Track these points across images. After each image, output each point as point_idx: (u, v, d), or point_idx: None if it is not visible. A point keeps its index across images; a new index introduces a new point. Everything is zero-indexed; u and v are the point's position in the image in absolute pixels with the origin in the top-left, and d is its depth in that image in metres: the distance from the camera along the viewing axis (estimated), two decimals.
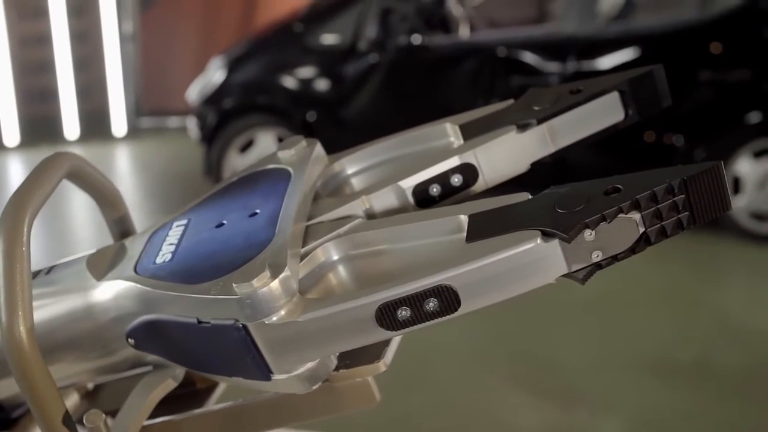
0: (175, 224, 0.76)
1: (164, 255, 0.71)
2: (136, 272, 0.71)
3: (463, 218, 0.62)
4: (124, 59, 7.56)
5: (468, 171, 0.73)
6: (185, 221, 0.76)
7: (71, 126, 7.45)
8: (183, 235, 0.73)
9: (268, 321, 0.60)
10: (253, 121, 5.11)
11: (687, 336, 3.32)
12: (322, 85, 4.98)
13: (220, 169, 5.06)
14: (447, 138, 0.78)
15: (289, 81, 5.08)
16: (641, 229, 0.55)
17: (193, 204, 0.79)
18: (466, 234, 0.61)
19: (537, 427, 2.71)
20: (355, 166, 0.79)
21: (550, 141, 0.74)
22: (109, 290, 0.72)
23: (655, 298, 3.74)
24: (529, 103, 0.76)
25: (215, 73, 5.26)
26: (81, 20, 7.41)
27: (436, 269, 0.57)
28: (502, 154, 0.74)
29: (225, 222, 0.72)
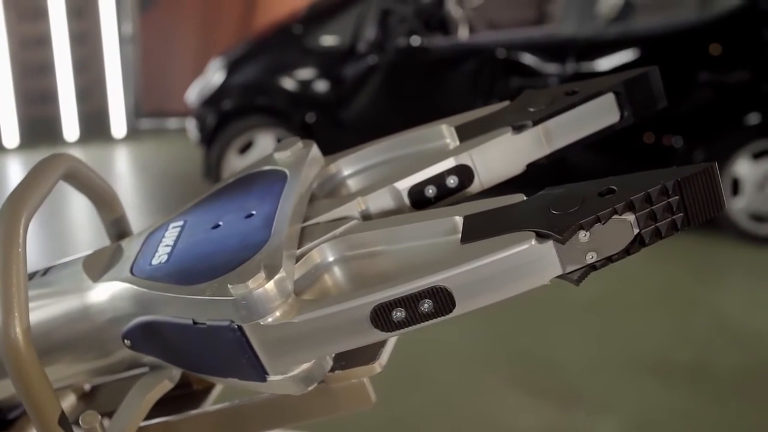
0: (172, 225, 0.76)
1: (160, 256, 0.71)
2: (133, 273, 0.71)
3: (458, 219, 0.62)
4: (124, 61, 7.56)
5: (463, 172, 0.73)
6: (181, 222, 0.76)
7: (71, 127, 7.45)
8: (179, 237, 0.73)
9: (264, 322, 0.60)
10: (253, 122, 5.11)
11: (685, 337, 3.32)
12: (322, 86, 4.98)
13: (219, 171, 5.06)
14: (443, 139, 0.78)
15: (289, 82, 5.08)
16: (636, 231, 0.55)
17: (189, 205, 0.79)
18: (460, 235, 0.61)
19: (535, 427, 2.71)
20: (351, 168, 0.79)
21: (546, 142, 0.74)
22: (106, 291, 0.72)
23: (654, 298, 3.74)
24: (525, 105, 0.76)
25: (214, 75, 5.26)
26: (81, 21, 7.41)
27: (430, 270, 0.58)
28: (498, 155, 0.74)
29: (221, 223, 0.72)
